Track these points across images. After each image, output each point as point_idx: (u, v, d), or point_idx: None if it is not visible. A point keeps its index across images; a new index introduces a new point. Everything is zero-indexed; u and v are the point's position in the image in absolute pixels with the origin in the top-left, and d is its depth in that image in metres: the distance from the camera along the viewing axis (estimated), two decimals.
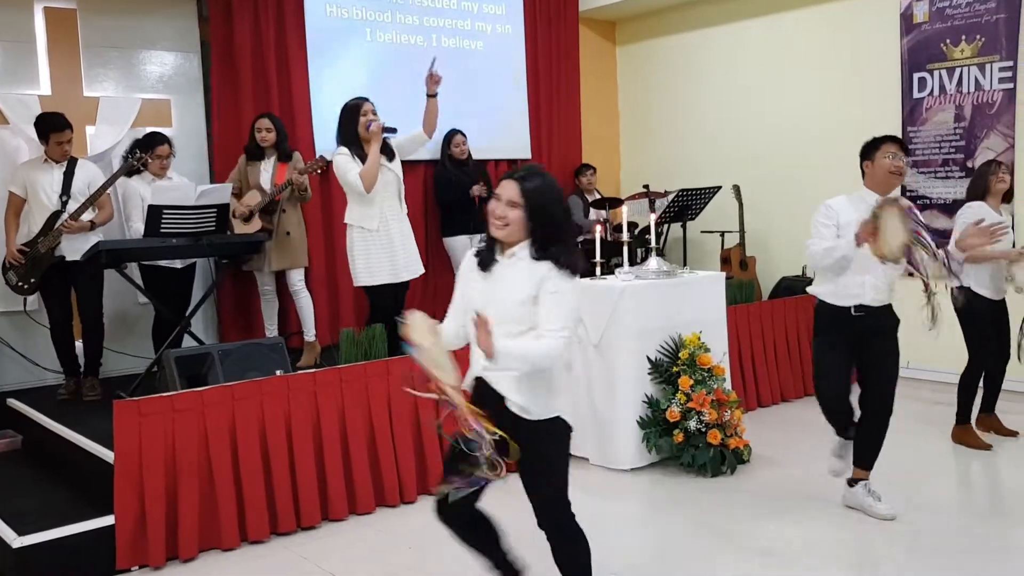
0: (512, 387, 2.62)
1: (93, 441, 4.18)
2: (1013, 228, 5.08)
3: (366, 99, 5.02)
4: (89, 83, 5.87)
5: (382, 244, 4.97)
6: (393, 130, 5.09)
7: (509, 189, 2.61)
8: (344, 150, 4.91)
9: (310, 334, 5.82)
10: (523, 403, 2.62)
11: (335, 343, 5.35)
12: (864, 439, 4.08)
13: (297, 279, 5.76)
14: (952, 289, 4.96)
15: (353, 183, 4.86)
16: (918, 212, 3.62)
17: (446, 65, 7.13)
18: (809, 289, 4.14)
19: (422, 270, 5.26)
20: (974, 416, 5.12)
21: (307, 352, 5.79)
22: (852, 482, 4.12)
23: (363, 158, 4.90)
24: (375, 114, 4.95)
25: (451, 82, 7.26)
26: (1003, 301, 5.02)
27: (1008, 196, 5.05)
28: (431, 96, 5.13)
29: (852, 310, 3.92)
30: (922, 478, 4.57)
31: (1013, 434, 5.13)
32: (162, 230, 4.97)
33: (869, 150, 3.96)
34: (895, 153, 3.87)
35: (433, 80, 5.11)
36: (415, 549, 3.88)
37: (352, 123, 4.94)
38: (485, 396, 2.65)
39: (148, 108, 6.06)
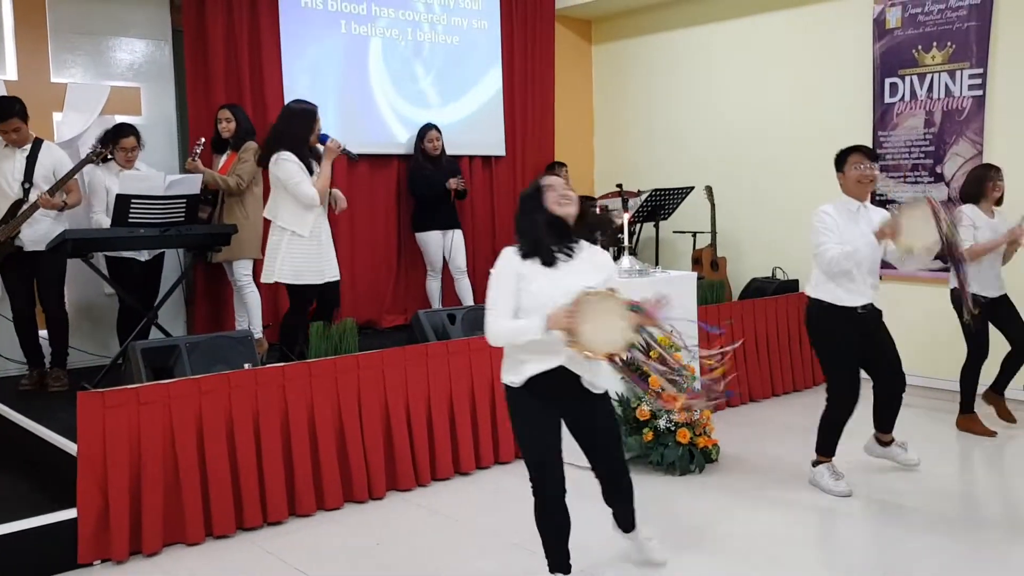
0: (587, 368, 3.06)
1: (56, 433, 4.11)
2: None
3: (316, 107, 5.01)
4: (57, 69, 5.76)
5: (310, 249, 4.90)
6: (354, 157, 5.18)
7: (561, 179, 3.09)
8: (292, 156, 4.79)
9: (257, 331, 5.62)
10: (594, 379, 3.12)
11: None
12: (887, 414, 4.51)
13: (242, 273, 5.62)
14: (952, 291, 5.07)
15: (305, 194, 4.77)
16: (947, 211, 3.89)
17: (422, 59, 7.19)
18: (813, 293, 4.30)
19: (338, 276, 5.17)
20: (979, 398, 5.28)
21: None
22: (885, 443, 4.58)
23: (309, 167, 4.86)
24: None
25: (426, 77, 7.28)
26: (1004, 297, 5.17)
27: (999, 201, 5.19)
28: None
29: (859, 308, 4.19)
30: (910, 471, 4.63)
31: (1012, 420, 5.28)
32: (130, 220, 4.90)
33: (840, 162, 4.25)
34: (861, 162, 4.16)
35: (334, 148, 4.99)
36: (382, 545, 3.86)
37: (306, 129, 4.88)
38: (566, 381, 3.02)
39: (117, 96, 5.96)
